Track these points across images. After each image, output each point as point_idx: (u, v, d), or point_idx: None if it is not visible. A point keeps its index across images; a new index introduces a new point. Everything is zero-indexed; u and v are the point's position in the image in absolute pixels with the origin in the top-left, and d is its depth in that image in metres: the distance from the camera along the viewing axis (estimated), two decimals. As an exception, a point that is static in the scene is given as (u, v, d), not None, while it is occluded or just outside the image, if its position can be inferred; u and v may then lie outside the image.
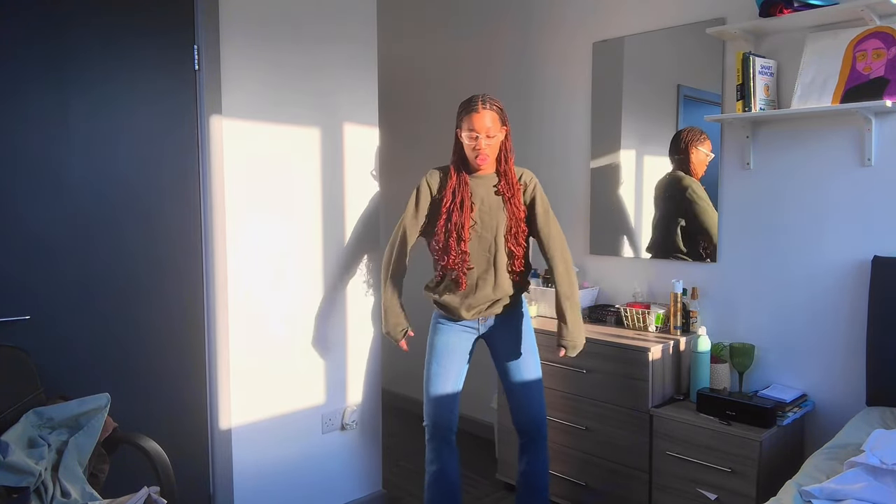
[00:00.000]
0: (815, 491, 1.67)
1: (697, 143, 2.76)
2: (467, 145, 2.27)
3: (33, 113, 2.00)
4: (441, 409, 2.39)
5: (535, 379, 2.43)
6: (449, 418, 2.39)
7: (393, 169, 4.13)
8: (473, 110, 2.23)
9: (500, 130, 2.28)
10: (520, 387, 2.42)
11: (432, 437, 2.40)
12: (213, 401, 2.42)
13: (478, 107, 2.23)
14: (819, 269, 2.47)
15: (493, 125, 2.24)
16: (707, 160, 2.75)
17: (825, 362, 2.48)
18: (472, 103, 2.25)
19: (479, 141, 2.24)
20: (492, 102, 2.26)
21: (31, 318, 1.99)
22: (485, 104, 2.24)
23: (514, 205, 2.31)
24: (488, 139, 2.24)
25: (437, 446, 2.40)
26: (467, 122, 2.25)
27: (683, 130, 2.82)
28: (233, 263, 2.41)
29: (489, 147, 2.25)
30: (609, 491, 2.66)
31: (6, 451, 1.69)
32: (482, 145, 2.24)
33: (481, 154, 2.25)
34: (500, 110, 2.28)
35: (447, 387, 2.39)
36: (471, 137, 2.25)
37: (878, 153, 2.33)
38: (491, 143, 2.26)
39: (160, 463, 1.85)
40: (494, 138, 2.26)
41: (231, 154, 2.39)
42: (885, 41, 2.24)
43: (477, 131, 2.23)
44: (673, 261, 2.89)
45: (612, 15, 3.05)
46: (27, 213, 1.99)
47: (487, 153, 2.26)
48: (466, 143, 2.27)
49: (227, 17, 2.35)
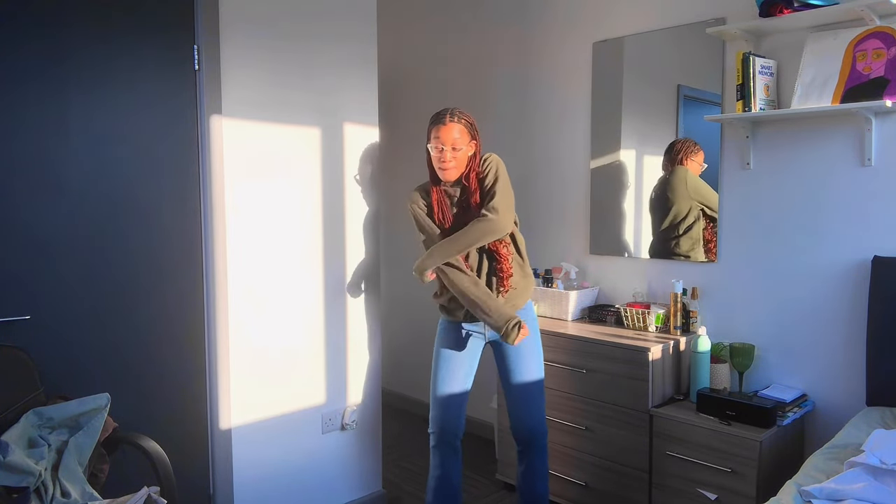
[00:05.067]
0: (815, 491, 1.67)
1: (692, 154, 2.77)
2: (434, 156, 2.29)
3: (33, 113, 1.99)
4: (448, 416, 2.38)
5: (534, 385, 2.40)
6: (456, 424, 2.39)
7: (393, 169, 4.13)
8: (441, 122, 2.26)
9: (467, 144, 2.28)
10: (520, 393, 2.40)
11: (438, 444, 2.39)
12: (213, 401, 2.42)
13: (445, 119, 2.26)
14: (819, 269, 2.47)
15: (460, 137, 2.25)
16: (700, 171, 2.77)
17: (825, 362, 2.48)
18: (441, 115, 2.28)
19: (444, 153, 2.25)
20: (460, 116, 2.28)
21: (31, 318, 1.99)
22: (452, 117, 2.26)
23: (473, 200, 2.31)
24: (454, 151, 2.25)
25: (443, 452, 2.39)
26: (434, 132, 2.27)
27: (678, 142, 2.83)
28: (233, 263, 2.41)
29: (454, 160, 2.26)
30: (609, 491, 2.66)
31: (6, 451, 1.69)
32: (447, 157, 2.25)
33: (445, 164, 2.26)
34: (469, 124, 2.29)
35: (455, 392, 2.38)
36: (436, 149, 2.27)
37: (878, 153, 2.33)
38: (457, 155, 2.26)
39: (160, 463, 1.85)
40: (460, 151, 2.27)
41: (231, 154, 2.39)
42: (885, 41, 2.24)
43: (443, 143, 2.25)
44: (673, 261, 2.89)
45: (612, 15, 3.05)
46: (27, 213, 1.99)
47: (451, 165, 2.26)
48: (433, 155, 2.29)
49: (227, 17, 2.35)
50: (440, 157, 2.26)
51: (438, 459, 2.39)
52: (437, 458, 2.39)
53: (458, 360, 2.39)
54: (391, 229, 4.15)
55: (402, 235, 4.06)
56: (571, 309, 3.01)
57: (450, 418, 2.38)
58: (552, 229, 3.34)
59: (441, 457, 2.39)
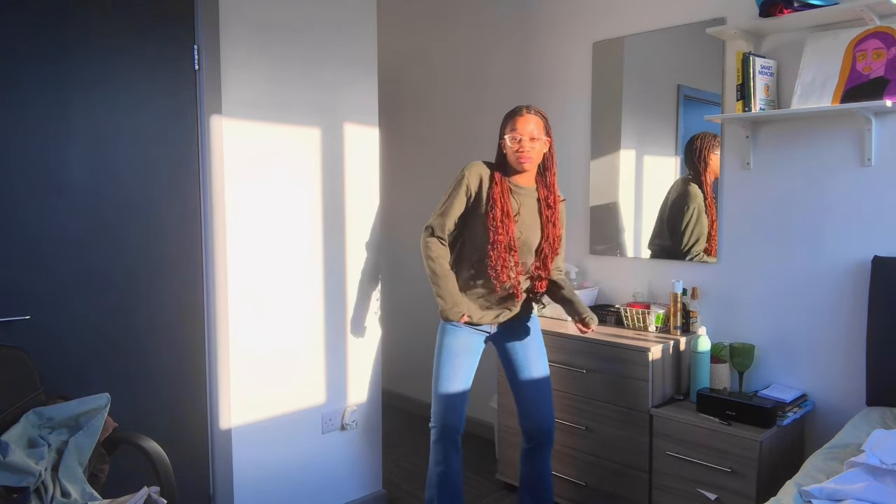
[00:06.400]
0: (815, 491, 1.67)
1: (713, 148, 2.75)
2: (510, 147, 2.28)
3: (33, 113, 2.00)
4: (451, 411, 2.39)
5: (545, 382, 2.45)
6: (458, 419, 2.40)
7: (393, 169, 4.13)
8: (518, 114, 2.29)
9: (543, 137, 2.29)
10: (530, 390, 2.42)
11: (440, 439, 2.40)
12: (213, 401, 2.42)
13: (522, 111, 2.29)
14: (819, 269, 2.47)
15: (536, 129, 2.27)
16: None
17: (825, 362, 2.48)
18: (517, 109, 2.31)
19: (522, 143, 2.25)
20: (536, 110, 2.31)
21: (31, 318, 1.99)
22: (529, 110, 2.29)
23: (553, 221, 2.33)
24: (532, 142, 2.26)
25: (445, 447, 2.40)
26: (511, 124, 2.28)
27: (697, 137, 2.79)
28: (232, 263, 2.41)
29: (532, 150, 2.26)
30: (609, 491, 2.66)
31: (6, 451, 1.69)
32: (526, 147, 2.25)
33: (524, 154, 2.25)
34: (544, 119, 2.31)
35: (457, 389, 2.39)
36: (513, 139, 2.26)
37: (878, 153, 2.33)
38: (535, 146, 2.27)
39: (160, 463, 1.85)
40: (538, 142, 2.27)
41: (231, 154, 2.39)
42: (885, 41, 2.24)
43: (520, 133, 2.25)
44: (673, 261, 2.89)
45: (612, 15, 3.05)
46: (27, 213, 1.99)
47: (531, 155, 2.26)
48: (509, 146, 2.28)
49: (227, 16, 2.35)
50: (519, 147, 2.25)
51: (441, 454, 2.40)
52: (440, 452, 2.40)
53: (461, 358, 2.39)
54: (391, 228, 4.15)
55: (403, 235, 4.06)
56: (571, 309, 3.01)
57: (453, 414, 2.39)
58: (552, 229, 3.34)
59: (444, 451, 2.39)
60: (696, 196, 2.81)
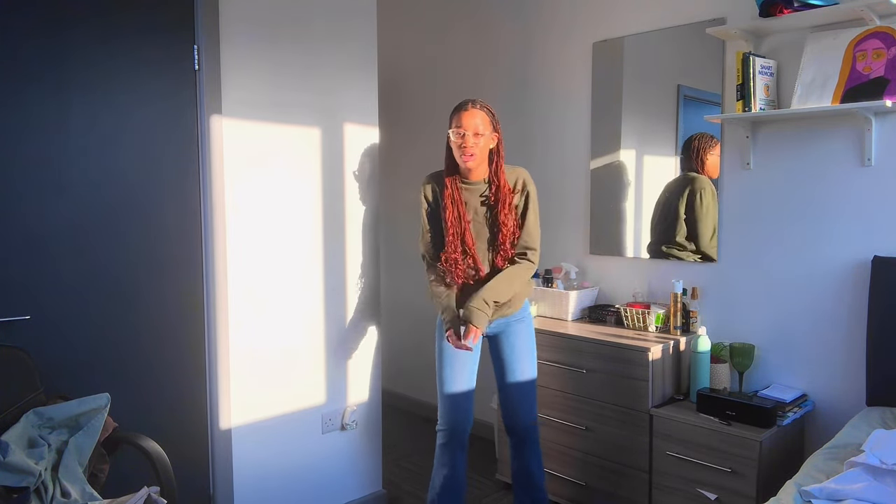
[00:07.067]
0: (815, 491, 1.67)
1: (710, 149, 2.75)
2: (454, 142, 2.26)
3: (33, 113, 1.99)
4: (457, 412, 2.39)
5: (529, 383, 2.45)
6: (465, 420, 2.40)
7: (393, 169, 4.13)
8: (463, 108, 2.26)
9: (489, 132, 2.26)
10: (513, 389, 2.44)
11: (448, 442, 2.39)
12: (213, 401, 2.42)
13: (468, 105, 2.25)
14: (819, 269, 2.47)
15: (481, 124, 2.24)
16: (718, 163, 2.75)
17: (825, 362, 2.48)
18: (463, 103, 2.28)
19: (465, 138, 2.22)
20: (483, 104, 2.27)
21: (31, 318, 1.99)
22: (475, 104, 2.26)
23: (504, 215, 2.29)
24: (476, 137, 2.23)
25: (452, 449, 2.39)
26: (455, 119, 2.26)
27: (694, 137, 2.79)
28: (232, 263, 2.41)
29: (476, 146, 2.23)
30: (609, 491, 2.66)
31: (6, 451, 1.69)
32: (469, 143, 2.22)
33: (467, 151, 2.22)
34: (490, 113, 2.28)
35: (461, 388, 2.39)
36: (457, 135, 2.24)
37: (878, 153, 2.33)
38: (479, 142, 2.24)
39: (160, 463, 1.85)
40: (482, 137, 2.24)
41: (231, 154, 2.39)
42: (885, 41, 2.24)
43: (464, 128, 2.22)
44: (673, 261, 2.89)
45: (612, 15, 3.05)
46: (27, 213, 1.99)
47: (474, 151, 2.23)
48: (453, 141, 2.26)
49: (227, 17, 2.35)
50: (462, 142, 2.22)
51: (448, 457, 2.39)
52: (447, 455, 2.39)
53: (462, 357, 2.39)
54: (391, 229, 4.14)
55: (403, 235, 4.06)
56: (571, 309, 3.01)
57: (460, 415, 2.39)
58: (552, 229, 3.33)
59: (451, 454, 2.39)
60: (695, 196, 2.81)
